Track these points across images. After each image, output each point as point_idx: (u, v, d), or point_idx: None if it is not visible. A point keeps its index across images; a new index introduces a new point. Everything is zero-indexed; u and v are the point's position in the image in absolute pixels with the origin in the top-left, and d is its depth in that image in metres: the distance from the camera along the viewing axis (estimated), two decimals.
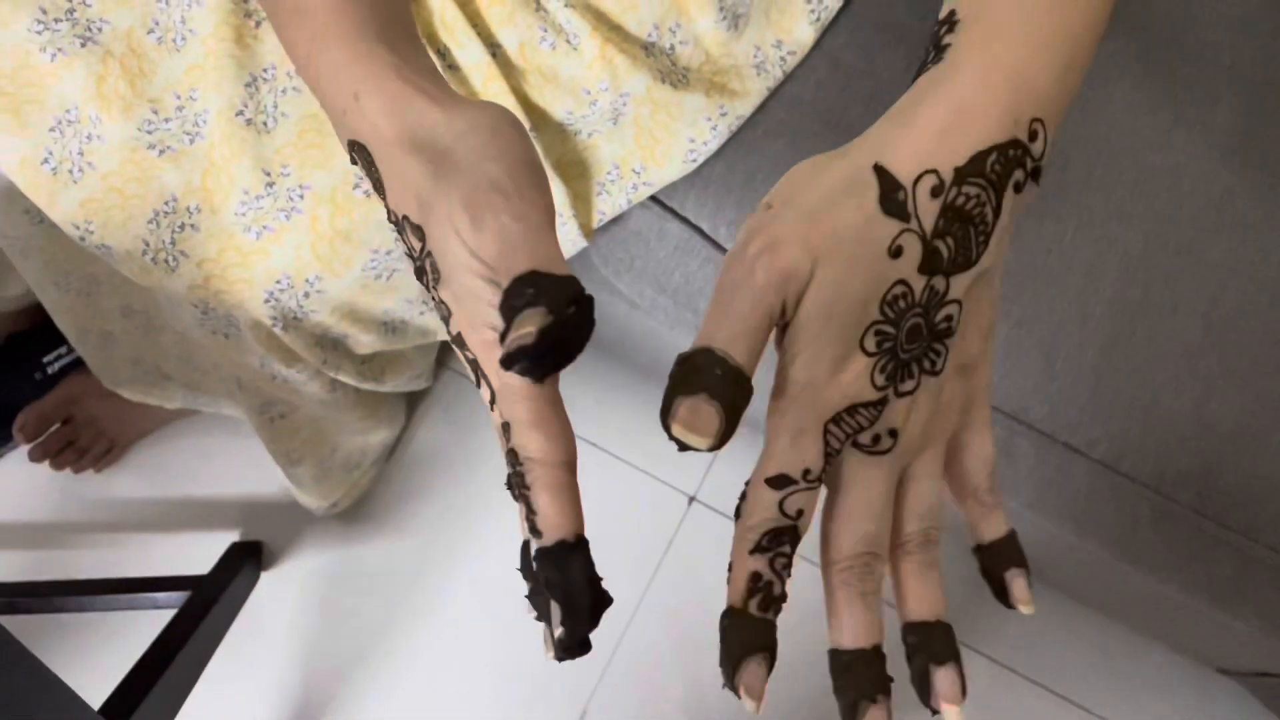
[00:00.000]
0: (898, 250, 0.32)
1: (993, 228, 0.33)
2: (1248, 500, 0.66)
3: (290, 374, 0.74)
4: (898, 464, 0.34)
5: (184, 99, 0.66)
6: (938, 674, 0.33)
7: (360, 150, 0.37)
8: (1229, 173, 0.70)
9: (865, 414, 0.33)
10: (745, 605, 0.32)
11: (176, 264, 0.66)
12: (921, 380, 0.34)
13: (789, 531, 0.32)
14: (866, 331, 0.32)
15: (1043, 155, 0.34)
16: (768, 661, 0.31)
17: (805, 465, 0.32)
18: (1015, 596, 0.35)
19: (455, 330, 0.35)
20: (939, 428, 0.35)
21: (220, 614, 1.02)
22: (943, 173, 0.33)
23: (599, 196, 0.71)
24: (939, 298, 0.33)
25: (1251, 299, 0.67)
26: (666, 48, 0.69)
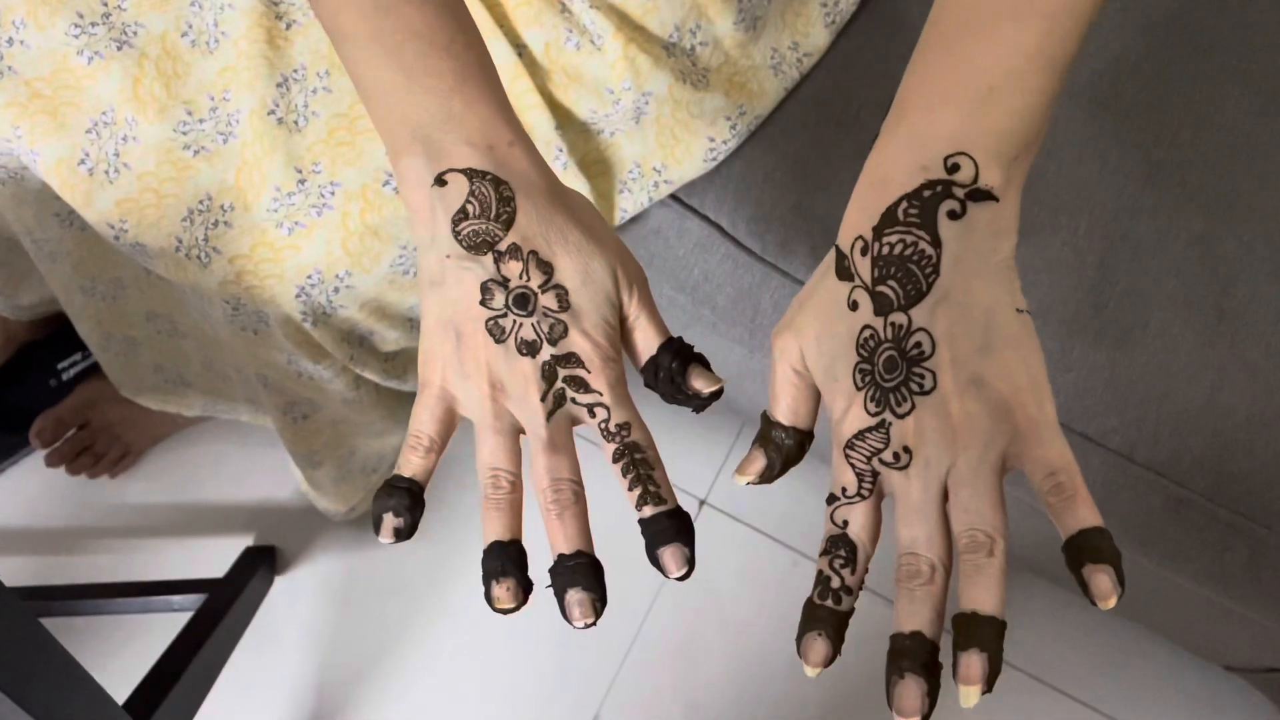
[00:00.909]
0: (854, 304, 0.40)
1: (938, 258, 0.38)
2: (1261, 487, 0.67)
3: (317, 370, 0.75)
4: (930, 476, 0.38)
5: (217, 100, 0.68)
6: (963, 657, 0.36)
7: (493, 182, 0.42)
8: (1237, 167, 0.71)
9: (873, 437, 0.39)
10: (812, 595, 0.40)
11: (209, 260, 0.67)
12: (916, 401, 0.38)
13: (841, 538, 0.40)
14: (854, 371, 0.40)
15: (976, 178, 0.38)
16: (826, 635, 0.39)
17: (842, 484, 0.40)
18: (1092, 590, 0.35)
19: (566, 351, 0.42)
20: (963, 440, 0.37)
21: (236, 617, 1.03)
22: (865, 235, 0.40)
23: (620, 194, 0.73)
24: (905, 330, 0.38)
25: (1262, 288, 0.68)
26: (687, 49, 0.70)
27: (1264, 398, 0.67)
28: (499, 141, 0.43)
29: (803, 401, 0.43)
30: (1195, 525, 0.70)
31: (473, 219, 0.42)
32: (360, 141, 0.67)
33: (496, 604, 0.41)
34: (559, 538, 0.42)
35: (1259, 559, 0.70)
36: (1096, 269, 0.69)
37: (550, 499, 0.42)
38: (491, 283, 0.42)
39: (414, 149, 0.43)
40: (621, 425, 0.43)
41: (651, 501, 0.42)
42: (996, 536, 0.37)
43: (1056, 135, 0.72)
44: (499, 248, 0.42)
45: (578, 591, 0.41)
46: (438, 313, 0.43)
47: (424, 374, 0.44)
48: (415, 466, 0.43)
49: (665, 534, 0.41)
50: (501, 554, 0.42)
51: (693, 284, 0.78)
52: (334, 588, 1.16)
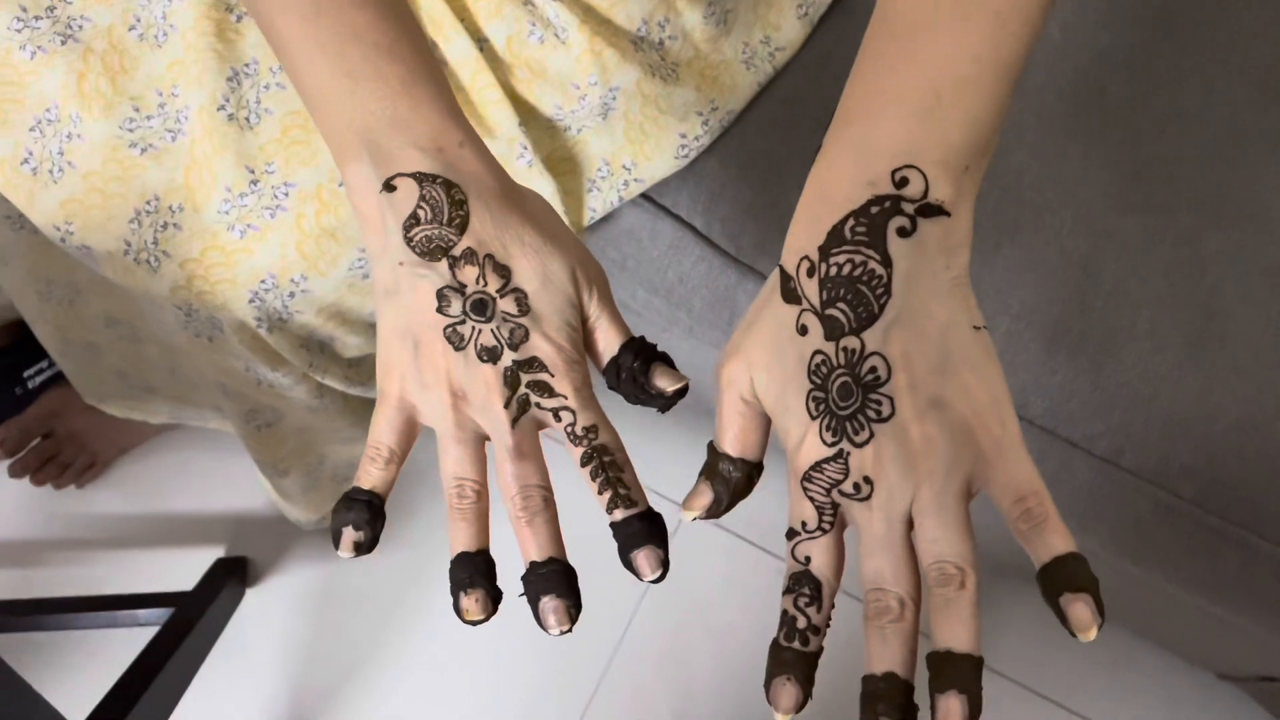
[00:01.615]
0: (803, 329, 0.38)
1: (889, 278, 0.36)
2: (1252, 493, 0.65)
3: (276, 378, 0.72)
4: (894, 506, 0.36)
5: (166, 95, 0.65)
6: (941, 700, 0.34)
7: (444, 185, 0.41)
8: (1225, 163, 0.69)
9: (831, 468, 0.38)
10: (777, 637, 0.39)
11: (159, 264, 0.64)
12: (875, 429, 0.37)
13: (804, 575, 0.39)
14: (807, 400, 0.38)
15: (926, 192, 0.36)
16: (795, 682, 0.38)
17: (801, 518, 0.39)
18: (1070, 622, 0.34)
19: (528, 355, 0.41)
20: (925, 467, 0.36)
21: (204, 631, 1.00)
22: (811, 255, 0.38)
23: (590, 194, 0.70)
24: (858, 355, 0.37)
25: (1252, 288, 0.66)
26: (656, 42, 0.68)
27: (1254, 401, 0.64)
28: (449, 144, 0.42)
29: (752, 431, 0.41)
30: (1185, 533, 0.68)
31: (425, 224, 0.41)
32: (315, 140, 0.64)
33: (465, 615, 0.41)
34: (530, 545, 0.41)
35: (1251, 567, 0.67)
36: (1081, 268, 0.67)
37: (519, 506, 0.41)
38: (448, 289, 0.41)
39: (360, 155, 0.42)
40: (588, 428, 0.42)
41: (622, 504, 0.41)
42: (967, 568, 0.35)
43: (1040, 131, 0.70)
44: (453, 253, 0.41)
45: (552, 599, 0.40)
46: (394, 321, 0.42)
47: (382, 384, 0.43)
48: (375, 478, 0.42)
49: (638, 537, 0.41)
50: (469, 564, 0.41)
51: (668, 287, 0.76)
52: (308, 599, 1.14)
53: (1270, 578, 0.67)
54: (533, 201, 0.45)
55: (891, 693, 0.36)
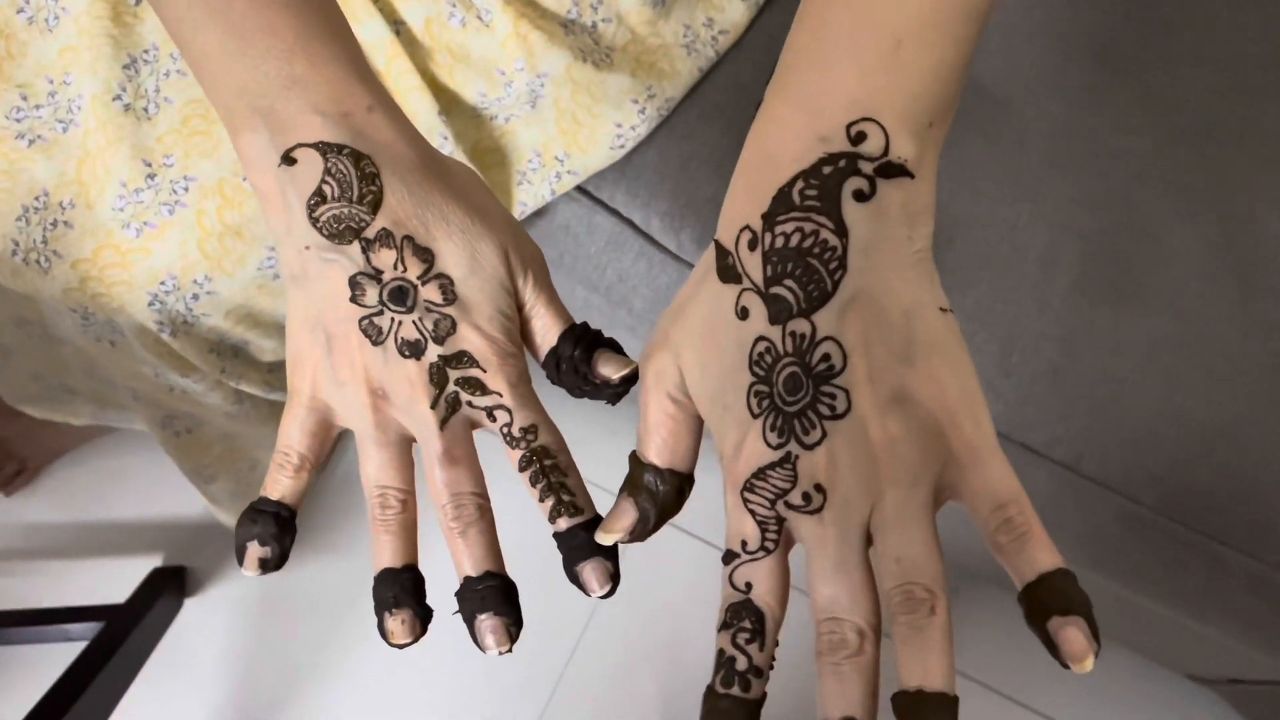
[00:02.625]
0: (744, 311, 0.33)
1: (845, 250, 0.31)
2: (1219, 501, 0.62)
3: (187, 384, 0.68)
4: (850, 519, 0.32)
5: (57, 84, 0.60)
6: None
7: (352, 156, 0.36)
8: (1193, 154, 0.66)
9: (776, 475, 0.33)
10: (713, 682, 0.33)
11: (49, 265, 0.60)
12: (828, 427, 0.32)
13: (744, 605, 0.33)
14: (749, 396, 0.33)
15: (887, 148, 0.31)
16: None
17: (741, 536, 0.34)
18: (1063, 651, 0.29)
19: (456, 349, 0.37)
20: (888, 473, 0.31)
21: (137, 644, 0.96)
22: (753, 224, 0.33)
23: (519, 186, 0.66)
24: (809, 340, 0.32)
25: (1219, 285, 0.62)
26: (588, 25, 0.64)
27: (1222, 405, 0.61)
28: (355, 107, 0.36)
29: (682, 437, 0.36)
30: (1149, 542, 0.64)
31: (332, 202, 0.35)
32: (217, 130, 0.59)
33: (390, 639, 0.37)
34: (464, 559, 0.37)
35: (1218, 577, 0.64)
36: (1040, 265, 0.63)
37: (451, 516, 0.37)
38: (361, 276, 0.36)
39: (254, 123, 0.36)
40: (527, 428, 0.37)
41: (567, 512, 0.37)
42: (937, 590, 0.30)
43: (999, 120, 0.66)
44: (366, 234, 0.36)
45: (489, 618, 0.36)
46: (303, 312, 0.37)
47: (292, 382, 0.38)
48: (284, 488, 0.37)
49: (584, 549, 0.37)
50: (394, 582, 0.37)
51: (606, 285, 0.72)
52: (249, 608, 1.09)
53: (1239, 589, 0.64)
54: (458, 174, 0.39)
55: None
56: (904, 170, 0.32)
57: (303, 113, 0.35)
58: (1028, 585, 0.30)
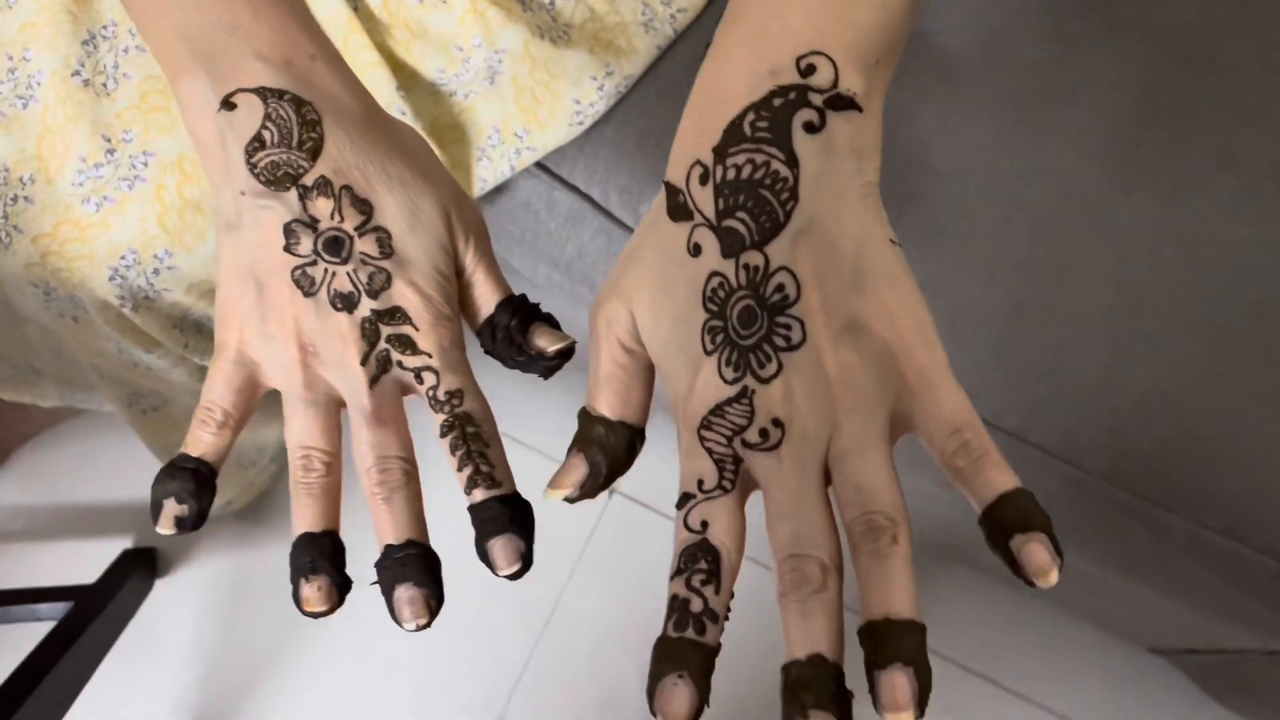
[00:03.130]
0: (696, 248, 0.33)
1: (795, 180, 0.32)
2: (1160, 467, 0.63)
3: (151, 360, 0.68)
4: (809, 452, 0.31)
5: (16, 60, 0.61)
6: (884, 677, 0.29)
7: (294, 102, 0.35)
8: (1138, 129, 0.67)
9: (734, 410, 0.32)
10: (665, 627, 0.32)
11: (10, 240, 0.60)
12: (784, 359, 0.31)
13: (700, 546, 0.32)
14: (703, 333, 0.33)
15: (836, 81, 0.32)
16: (688, 682, 0.30)
17: (697, 476, 0.33)
18: (1027, 568, 0.29)
19: (390, 304, 0.36)
20: (845, 402, 0.31)
21: (106, 625, 0.96)
22: (704, 159, 0.33)
23: (479, 163, 0.67)
24: (762, 272, 0.32)
25: (1162, 256, 0.64)
26: (545, 2, 0.64)
27: (1163, 373, 0.63)
28: (297, 55, 0.36)
29: (634, 389, 0.36)
30: (1095, 509, 0.66)
31: (271, 148, 0.35)
32: (176, 106, 0.60)
33: (305, 606, 0.35)
34: (386, 526, 0.36)
35: (1163, 542, 0.66)
36: (988, 237, 0.65)
37: (376, 480, 0.36)
38: (296, 224, 0.35)
39: (194, 68, 0.36)
40: (452, 393, 0.37)
41: (484, 484, 0.36)
42: (898, 519, 0.30)
43: (948, 96, 0.68)
44: (304, 181, 0.36)
45: (408, 588, 0.35)
46: (234, 261, 0.36)
47: (219, 335, 0.37)
48: (205, 444, 0.37)
49: (496, 523, 0.35)
50: (311, 547, 0.36)
51: (567, 261, 0.73)
52: (219, 589, 1.10)
53: (1182, 553, 0.66)
54: (403, 132, 0.39)
55: (819, 679, 0.29)
56: (853, 103, 0.32)
57: (244, 58, 0.35)
58: (988, 507, 0.30)
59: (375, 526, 0.36)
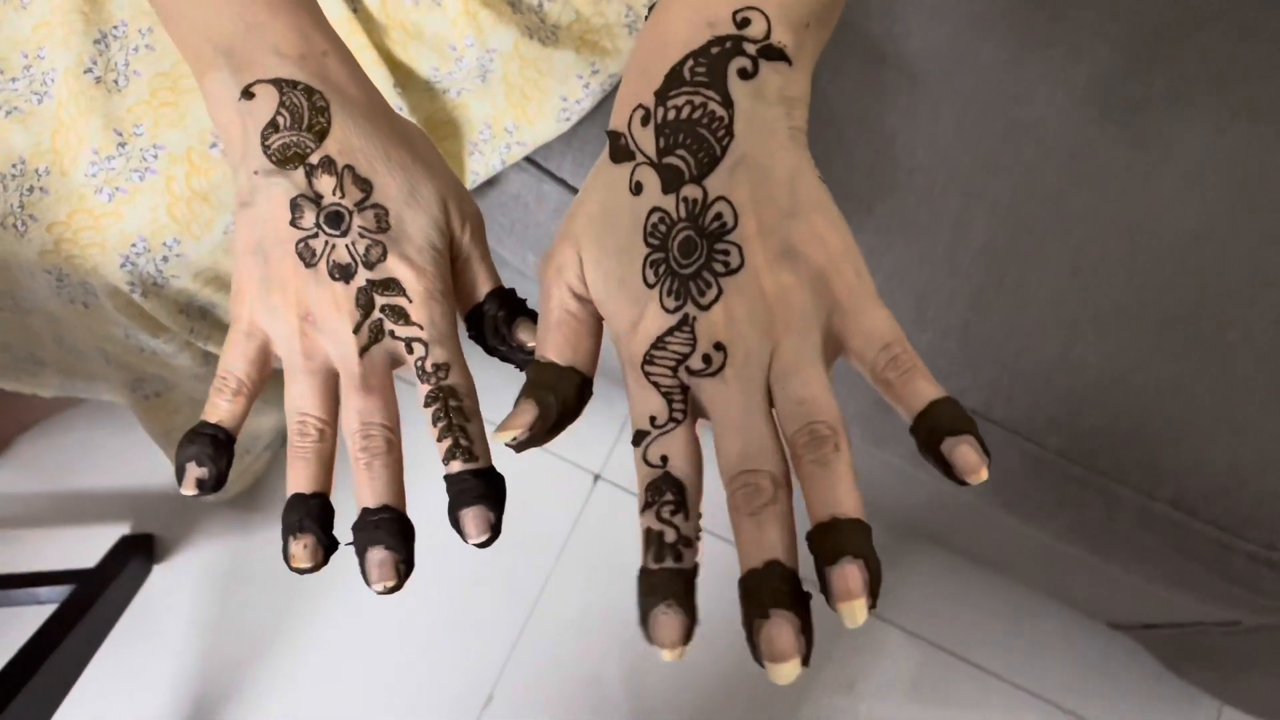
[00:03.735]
0: (638, 186, 0.35)
1: (731, 118, 0.34)
2: (1112, 443, 0.68)
3: (158, 345, 0.72)
4: (752, 373, 0.33)
5: (31, 58, 0.64)
6: (836, 571, 0.29)
7: (306, 91, 0.39)
8: (1091, 125, 0.71)
9: (676, 339, 0.34)
10: (645, 561, 0.32)
11: (25, 228, 0.63)
12: (723, 284, 0.33)
13: (663, 479, 0.33)
14: (644, 267, 0.34)
15: (768, 34, 0.35)
16: (677, 608, 0.31)
17: (649, 413, 0.34)
18: (957, 467, 0.30)
19: (385, 275, 0.39)
20: (783, 320, 0.33)
21: (106, 608, 0.99)
22: (645, 102, 0.35)
23: (471, 157, 0.70)
24: (701, 204, 0.34)
25: (1113, 246, 0.68)
26: (535, 4, 0.68)
27: (1115, 354, 0.67)
28: (310, 51, 0.40)
29: (583, 337, 0.37)
30: (1052, 483, 0.70)
31: (283, 131, 0.39)
32: (184, 102, 0.63)
33: (292, 562, 0.38)
34: (365, 490, 0.38)
35: (1115, 514, 0.70)
36: (952, 228, 0.69)
37: (359, 445, 0.38)
38: (302, 199, 0.39)
39: (218, 63, 0.40)
40: (439, 365, 0.39)
41: (461, 456, 0.38)
42: (839, 429, 0.31)
43: (913, 93, 0.72)
44: (310, 160, 0.39)
45: (379, 550, 0.37)
46: (246, 236, 0.39)
47: (234, 307, 0.40)
48: (223, 411, 0.39)
49: (469, 494, 0.38)
50: (302, 507, 0.38)
51: None
52: (216, 575, 1.13)
53: (1133, 524, 0.70)
54: (408, 126, 0.43)
55: (778, 582, 0.30)
56: (783, 55, 0.35)
57: (262, 53, 0.39)
58: (919, 414, 0.31)
59: (355, 490, 0.38)
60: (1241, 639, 0.85)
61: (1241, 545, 0.67)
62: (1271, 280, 0.68)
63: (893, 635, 1.17)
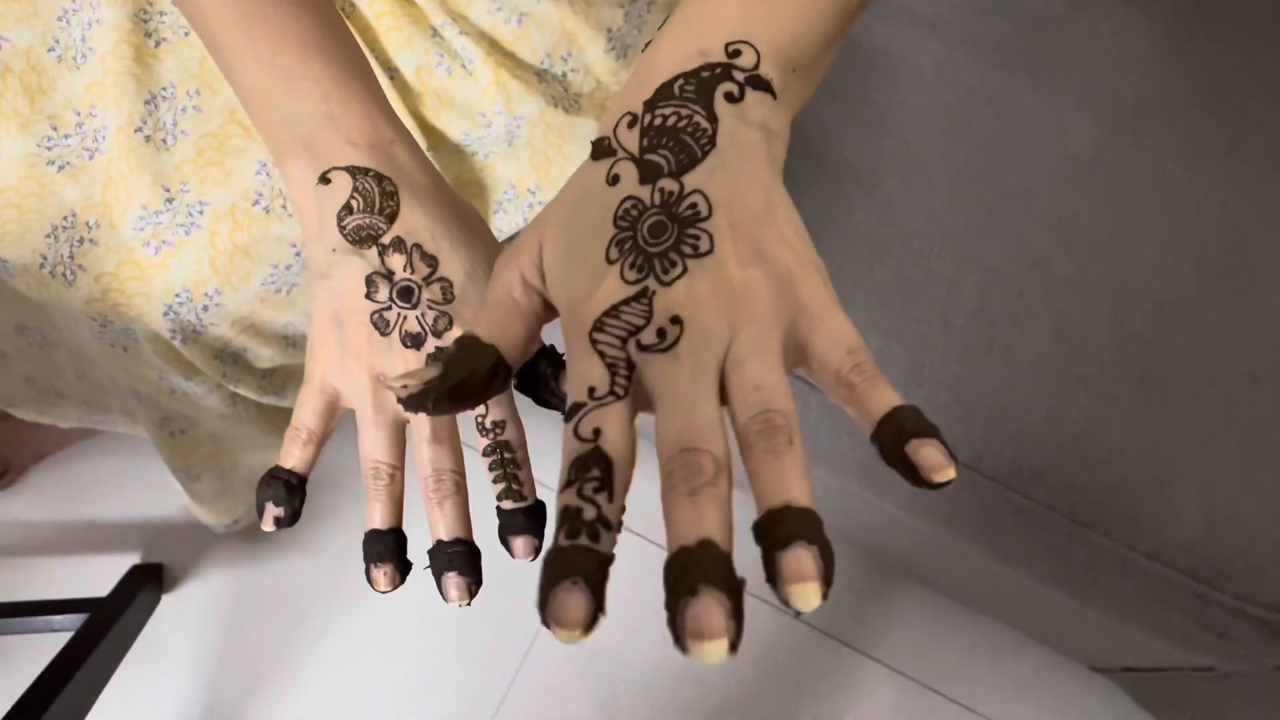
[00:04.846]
0: (614, 178, 0.35)
1: (714, 132, 0.35)
2: (1094, 496, 0.72)
3: (189, 387, 0.75)
4: (706, 354, 0.31)
5: (84, 115, 0.68)
6: (786, 555, 0.26)
7: (376, 178, 0.44)
8: (1077, 194, 0.76)
9: (630, 310, 0.32)
10: (557, 538, 0.29)
11: (74, 278, 0.67)
12: (690, 264, 0.32)
13: (591, 455, 0.30)
14: (608, 247, 0.33)
15: (757, 65, 0.36)
16: (583, 588, 0.27)
17: (588, 384, 0.31)
18: (923, 467, 0.28)
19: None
20: (746, 309, 0.31)
21: (119, 637, 1.02)
22: (634, 110, 0.36)
23: (496, 215, 0.74)
24: (677, 196, 0.34)
25: (1096, 309, 0.73)
26: (558, 74, 0.72)
27: (1097, 410, 0.71)
28: (380, 140, 0.45)
29: (516, 323, 0.37)
30: (1038, 532, 0.74)
31: (357, 213, 0.43)
32: (229, 161, 0.67)
33: (375, 586, 0.43)
34: (439, 524, 0.44)
35: (1098, 563, 0.74)
36: (946, 290, 0.73)
37: (432, 488, 0.44)
38: (376, 275, 0.43)
39: (297, 151, 0.44)
40: (497, 423, 0.45)
41: (513, 498, 0.44)
42: (794, 423, 0.29)
43: (911, 162, 0.76)
44: (383, 241, 0.43)
45: (455, 576, 0.43)
46: (324, 305, 0.44)
47: (309, 366, 0.45)
48: (295, 458, 0.45)
49: (519, 526, 0.44)
50: (380, 541, 0.44)
51: None
52: (223, 604, 1.15)
53: (1114, 573, 0.74)
54: (462, 204, 0.48)
55: (708, 560, 0.26)
56: (769, 87, 0.36)
57: (336, 143, 0.44)
58: (884, 418, 0.30)
59: (429, 523, 0.44)
60: (1217, 684, 0.89)
61: (1216, 596, 0.71)
62: (1244, 343, 0.72)
63: (875, 671, 1.20)
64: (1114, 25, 0.80)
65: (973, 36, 0.81)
